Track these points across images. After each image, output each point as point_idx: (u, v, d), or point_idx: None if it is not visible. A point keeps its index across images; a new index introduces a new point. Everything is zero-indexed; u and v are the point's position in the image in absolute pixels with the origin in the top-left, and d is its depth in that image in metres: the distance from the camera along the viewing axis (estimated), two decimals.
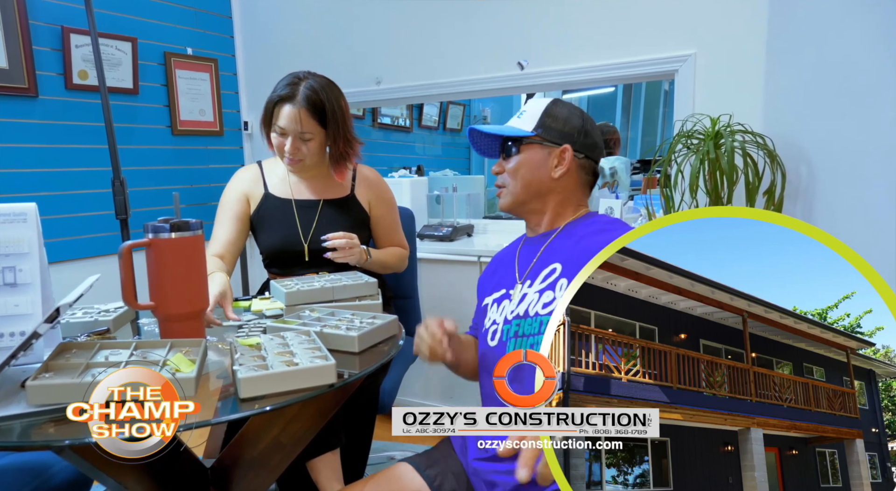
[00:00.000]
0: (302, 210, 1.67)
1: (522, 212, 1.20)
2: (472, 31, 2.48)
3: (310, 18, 2.87)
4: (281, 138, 1.59)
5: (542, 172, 1.15)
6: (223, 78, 3.01)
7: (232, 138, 3.10)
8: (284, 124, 1.56)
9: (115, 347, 0.98)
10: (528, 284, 1.13)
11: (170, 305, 1.04)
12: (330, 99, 1.58)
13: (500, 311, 1.16)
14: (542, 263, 1.12)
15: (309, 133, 1.57)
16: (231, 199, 1.70)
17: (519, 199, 1.17)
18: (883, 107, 1.32)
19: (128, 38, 2.54)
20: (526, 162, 1.15)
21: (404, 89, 2.70)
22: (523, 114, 1.19)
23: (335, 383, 0.97)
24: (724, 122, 1.80)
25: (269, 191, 1.70)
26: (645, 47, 2.11)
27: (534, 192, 1.16)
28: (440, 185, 2.88)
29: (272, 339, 1.09)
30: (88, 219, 2.40)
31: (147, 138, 2.68)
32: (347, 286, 1.44)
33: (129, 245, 1.01)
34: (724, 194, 1.78)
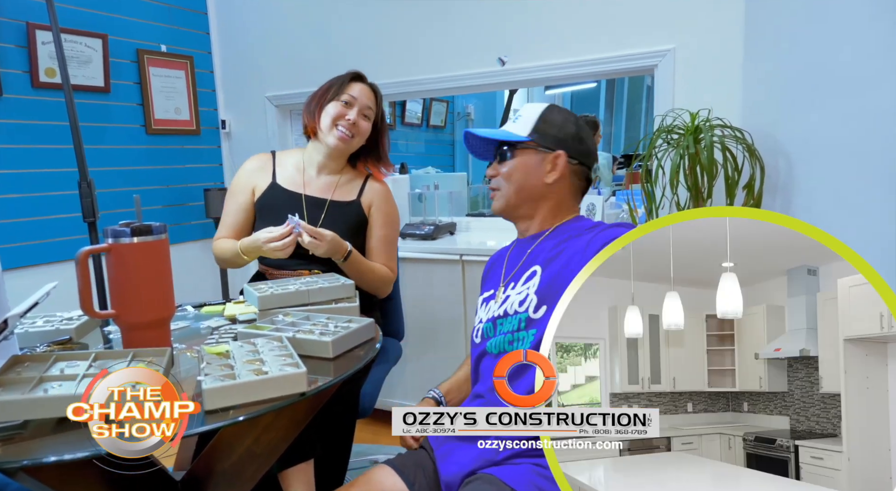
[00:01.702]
0: (310, 206, 1.67)
1: (514, 216, 1.21)
2: (452, 27, 2.45)
3: (288, 14, 2.82)
4: (345, 109, 1.63)
5: (536, 177, 1.16)
6: (199, 75, 2.95)
7: (209, 137, 3.03)
8: (357, 94, 1.64)
9: (71, 359, 0.93)
10: (511, 286, 1.14)
11: (132, 313, 1.00)
12: (381, 104, 1.73)
13: (486, 310, 1.18)
14: (526, 265, 1.14)
15: (372, 111, 1.67)
16: (236, 190, 1.72)
17: (511, 203, 1.18)
18: (860, 100, 1.32)
19: (98, 35, 2.47)
20: (520, 166, 1.16)
21: (385, 86, 2.62)
22: (519, 118, 1.19)
23: (306, 392, 0.94)
24: (703, 117, 1.79)
25: (276, 181, 1.70)
26: (625, 42, 2.09)
27: (526, 196, 1.17)
28: (422, 183, 2.85)
29: (242, 346, 1.05)
30: (55, 222, 2.34)
31: (120, 138, 2.61)
32: (324, 289, 1.40)
33: (87, 251, 0.96)
34: (705, 189, 1.77)
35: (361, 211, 1.70)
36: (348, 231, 1.64)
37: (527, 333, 1.07)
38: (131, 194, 1.08)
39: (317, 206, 1.67)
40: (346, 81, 1.65)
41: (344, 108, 1.62)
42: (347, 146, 1.66)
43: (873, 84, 1.26)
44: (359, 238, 1.69)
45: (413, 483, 1.11)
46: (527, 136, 1.16)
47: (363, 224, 1.70)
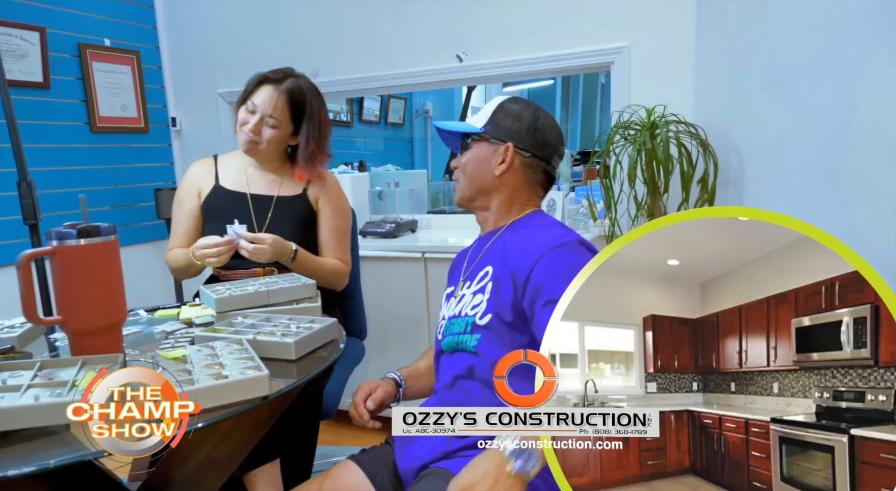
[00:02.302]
0: (256, 204, 1.65)
1: (471, 208, 1.22)
2: (409, 23, 2.43)
3: (240, 7, 2.74)
4: (248, 115, 1.59)
5: (486, 169, 1.15)
6: (147, 71, 2.84)
7: (159, 135, 2.93)
8: (258, 102, 1.57)
9: (15, 369, 0.88)
10: (467, 285, 1.14)
11: (80, 319, 0.95)
12: (312, 102, 1.62)
13: (447, 307, 1.18)
14: (481, 264, 1.14)
15: (277, 120, 1.58)
16: (182, 196, 1.69)
17: (466, 195, 1.19)
18: (807, 97, 1.37)
19: (35, 28, 2.34)
20: (473, 158, 1.17)
21: (342, 82, 2.62)
22: (479, 111, 1.21)
23: (269, 395, 0.91)
24: (658, 113, 1.83)
25: (219, 183, 1.67)
26: (581, 40, 2.12)
27: (477, 188, 1.17)
28: (382, 181, 2.82)
29: (200, 350, 1.02)
30: None
31: (62, 136, 2.49)
32: (284, 289, 1.37)
33: (29, 254, 0.91)
34: (661, 183, 1.81)
35: (308, 204, 1.67)
36: (298, 226, 1.62)
37: (470, 337, 1.06)
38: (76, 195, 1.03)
39: (263, 204, 1.64)
40: (252, 86, 1.61)
41: (247, 115, 1.59)
42: (255, 150, 1.63)
43: (819, 81, 1.32)
44: (309, 232, 1.66)
45: (375, 476, 1.11)
46: (481, 127, 1.16)
47: (312, 217, 1.68)
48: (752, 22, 1.64)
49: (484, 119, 1.17)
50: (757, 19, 1.61)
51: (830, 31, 1.27)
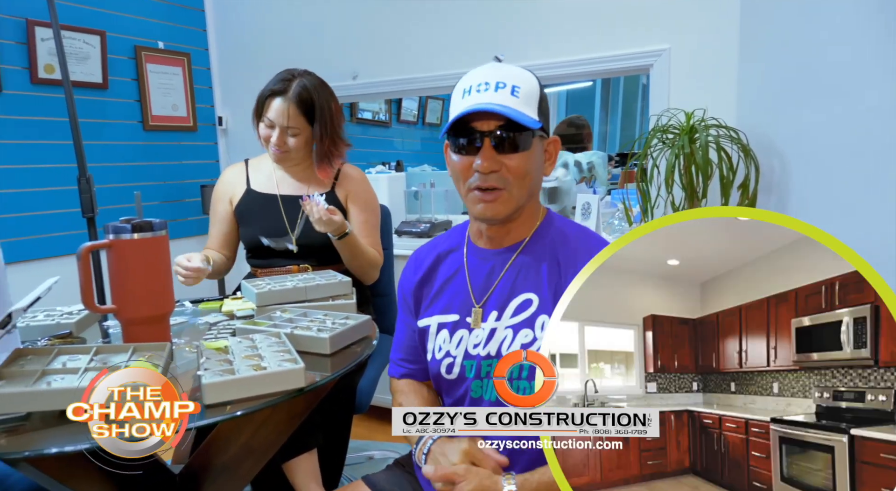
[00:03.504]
0: (287, 204, 1.70)
1: (506, 222, 0.97)
2: (448, 25, 2.45)
3: (284, 11, 2.82)
4: (268, 130, 1.64)
5: (540, 172, 0.97)
6: (196, 72, 2.95)
7: (206, 134, 3.04)
8: (273, 117, 1.62)
9: (73, 353, 0.95)
10: (494, 317, 0.96)
11: (132, 309, 1.01)
12: (320, 98, 1.64)
13: (456, 343, 0.98)
14: (509, 290, 0.96)
15: (295, 128, 1.63)
16: (215, 202, 1.77)
17: (515, 207, 0.93)
18: (854, 100, 1.33)
19: (96, 32, 2.47)
20: (533, 159, 0.93)
21: (381, 84, 2.67)
22: (518, 90, 0.91)
23: (304, 387, 0.95)
24: (698, 117, 1.81)
25: (251, 187, 1.74)
26: (620, 42, 2.10)
27: (529, 196, 0.95)
28: (418, 181, 2.86)
29: (241, 341, 1.07)
30: (55, 217, 2.34)
31: (117, 134, 2.61)
32: (321, 286, 1.42)
33: (88, 247, 0.98)
34: (700, 189, 1.78)
35: (337, 201, 1.72)
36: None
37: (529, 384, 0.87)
38: (130, 190, 1.10)
39: (294, 204, 1.69)
40: (264, 100, 1.65)
41: (267, 131, 1.65)
42: (288, 159, 1.69)
43: (867, 84, 1.28)
44: None
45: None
46: (537, 119, 0.91)
47: (343, 214, 1.72)
48: (797, 24, 1.60)
49: (533, 106, 0.92)
50: (802, 21, 1.57)
51: (877, 32, 1.23)
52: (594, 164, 2.58)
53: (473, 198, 0.93)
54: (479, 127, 0.91)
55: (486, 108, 0.88)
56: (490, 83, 0.91)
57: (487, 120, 0.90)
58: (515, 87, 0.91)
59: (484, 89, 0.91)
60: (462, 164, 0.93)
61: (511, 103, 0.89)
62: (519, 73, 0.94)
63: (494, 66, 0.95)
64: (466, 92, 0.93)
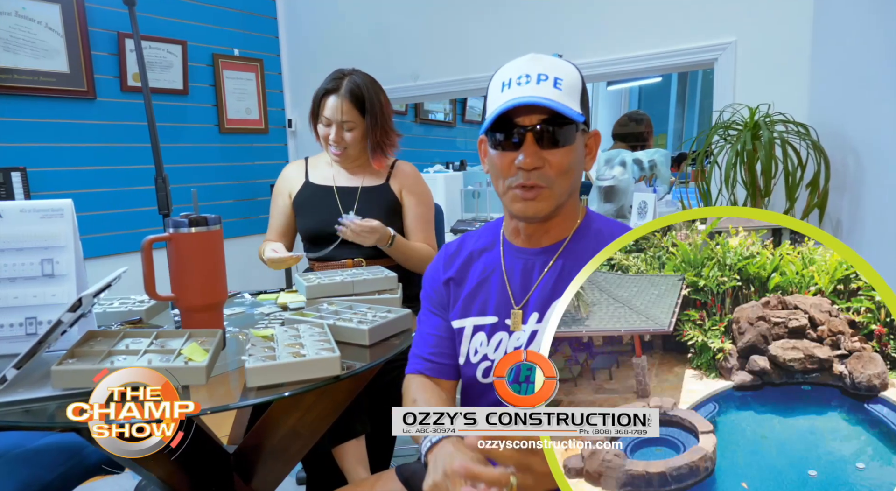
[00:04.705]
0: (343, 195, 1.78)
1: (545, 220, 0.94)
2: (507, 25, 2.46)
3: (348, 17, 2.93)
4: (326, 128, 1.73)
5: (581, 167, 0.93)
6: (268, 77, 3.12)
7: (276, 135, 3.20)
8: (329, 114, 1.70)
9: (137, 336, 1.04)
10: (535, 319, 0.93)
11: (189, 297, 1.10)
12: (370, 92, 1.72)
13: (494, 345, 0.95)
14: (550, 290, 0.93)
15: (350, 122, 1.71)
16: (276, 195, 1.87)
17: (556, 204, 0.90)
18: None
19: (178, 42, 2.67)
20: (576, 155, 0.89)
21: (441, 85, 2.71)
22: (560, 82, 0.87)
23: (341, 375, 1.00)
24: (763, 112, 1.71)
25: (309, 180, 1.83)
26: (683, 36, 2.03)
27: (571, 193, 0.92)
28: (476, 180, 2.88)
29: (286, 330, 1.13)
30: (135, 215, 2.55)
31: (196, 136, 2.81)
32: (367, 280, 1.47)
33: (150, 239, 1.07)
34: (763, 187, 1.69)
35: (392, 194, 1.78)
36: (383, 214, 1.72)
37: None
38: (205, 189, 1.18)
39: (349, 195, 1.77)
40: (319, 99, 1.73)
41: (325, 129, 1.73)
42: (347, 156, 1.76)
43: None
44: (394, 220, 1.77)
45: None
46: (580, 113, 0.87)
47: (396, 207, 1.78)
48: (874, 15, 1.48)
49: (576, 98, 0.88)
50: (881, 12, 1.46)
51: None
52: (656, 163, 2.50)
53: (513, 196, 0.90)
54: (520, 122, 0.86)
55: (531, 101, 0.84)
56: (531, 75, 0.87)
57: (529, 114, 0.86)
58: (558, 79, 0.87)
59: (525, 82, 0.87)
60: (502, 160, 0.89)
61: (555, 96, 0.85)
62: (559, 64, 0.90)
63: (533, 57, 0.91)
64: (506, 85, 0.89)
